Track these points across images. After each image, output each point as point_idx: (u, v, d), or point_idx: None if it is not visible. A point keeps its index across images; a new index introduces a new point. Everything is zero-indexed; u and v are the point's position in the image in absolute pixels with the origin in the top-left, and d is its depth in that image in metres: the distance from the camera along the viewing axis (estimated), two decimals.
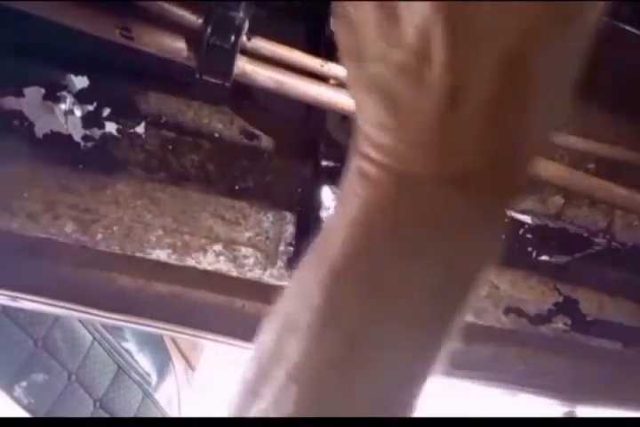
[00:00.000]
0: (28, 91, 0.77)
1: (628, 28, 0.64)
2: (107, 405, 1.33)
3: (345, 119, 0.68)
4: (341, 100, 0.62)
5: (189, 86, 0.77)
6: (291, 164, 0.83)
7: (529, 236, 0.89)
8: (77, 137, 0.84)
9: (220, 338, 0.71)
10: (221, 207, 0.83)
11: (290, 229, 0.80)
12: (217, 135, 0.82)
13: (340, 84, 0.64)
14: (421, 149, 0.24)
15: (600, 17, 0.22)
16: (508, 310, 0.80)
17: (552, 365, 0.77)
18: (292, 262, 0.75)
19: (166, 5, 0.60)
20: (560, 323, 0.81)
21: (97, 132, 0.83)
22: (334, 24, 0.26)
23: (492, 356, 0.75)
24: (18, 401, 1.15)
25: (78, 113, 0.81)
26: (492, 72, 0.21)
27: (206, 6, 0.59)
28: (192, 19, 0.59)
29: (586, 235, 0.88)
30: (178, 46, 0.58)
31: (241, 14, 0.58)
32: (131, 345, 1.42)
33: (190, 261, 0.74)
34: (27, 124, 0.77)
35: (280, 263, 0.75)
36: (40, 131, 0.78)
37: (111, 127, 0.83)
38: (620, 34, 0.65)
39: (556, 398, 0.82)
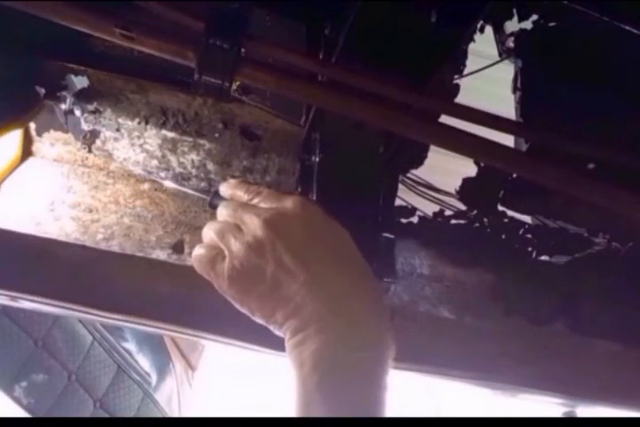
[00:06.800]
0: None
1: (628, 27, 0.64)
2: (107, 405, 1.33)
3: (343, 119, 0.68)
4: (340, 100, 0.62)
5: (189, 86, 0.77)
6: (291, 164, 0.83)
7: (529, 236, 0.88)
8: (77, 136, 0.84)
9: (220, 338, 0.71)
10: None
11: None
12: (217, 135, 0.82)
13: (339, 85, 0.64)
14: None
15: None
16: (508, 311, 0.80)
17: (552, 365, 0.77)
18: None
19: (166, 6, 0.60)
20: (560, 323, 0.81)
21: (97, 132, 0.83)
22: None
23: (491, 356, 0.75)
24: (18, 401, 1.15)
25: (78, 113, 0.81)
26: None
27: (206, 6, 0.59)
28: (192, 19, 0.59)
29: (586, 235, 0.88)
30: (178, 46, 0.58)
31: (241, 14, 0.58)
32: (131, 345, 1.42)
33: (190, 261, 0.74)
34: None
35: None
36: None
37: (111, 127, 0.83)
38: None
39: (556, 398, 0.82)
